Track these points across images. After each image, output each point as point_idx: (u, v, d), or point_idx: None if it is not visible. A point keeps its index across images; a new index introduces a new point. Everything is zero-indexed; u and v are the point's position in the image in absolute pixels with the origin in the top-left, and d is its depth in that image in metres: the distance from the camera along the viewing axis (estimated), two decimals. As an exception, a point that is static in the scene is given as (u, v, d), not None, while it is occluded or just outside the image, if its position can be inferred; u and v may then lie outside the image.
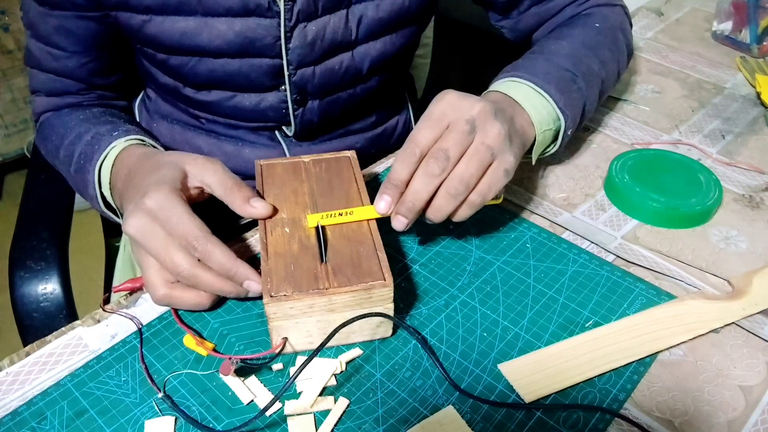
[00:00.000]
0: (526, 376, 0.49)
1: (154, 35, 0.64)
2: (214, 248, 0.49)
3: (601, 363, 0.50)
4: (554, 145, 0.64)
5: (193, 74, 0.67)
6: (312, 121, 0.73)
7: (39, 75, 0.71)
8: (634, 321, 0.53)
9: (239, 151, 0.75)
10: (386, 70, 0.75)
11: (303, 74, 0.68)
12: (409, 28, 0.73)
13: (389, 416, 0.46)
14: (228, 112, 0.72)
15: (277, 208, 0.54)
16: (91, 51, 0.69)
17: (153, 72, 0.71)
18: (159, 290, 0.50)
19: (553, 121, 0.62)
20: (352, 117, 0.79)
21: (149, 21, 0.63)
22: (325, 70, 0.69)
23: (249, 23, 0.63)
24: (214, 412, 0.46)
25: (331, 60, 0.69)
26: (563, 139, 0.63)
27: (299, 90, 0.69)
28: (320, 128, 0.76)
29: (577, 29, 0.73)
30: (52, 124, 0.71)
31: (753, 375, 0.50)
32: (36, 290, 0.71)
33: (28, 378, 0.49)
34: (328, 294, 0.47)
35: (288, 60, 0.66)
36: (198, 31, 0.63)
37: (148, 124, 0.79)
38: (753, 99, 0.85)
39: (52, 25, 0.66)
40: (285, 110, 0.71)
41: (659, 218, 0.64)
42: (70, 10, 0.64)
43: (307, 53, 0.66)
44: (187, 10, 0.62)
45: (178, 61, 0.66)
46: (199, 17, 0.63)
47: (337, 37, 0.67)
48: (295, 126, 0.73)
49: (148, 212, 0.50)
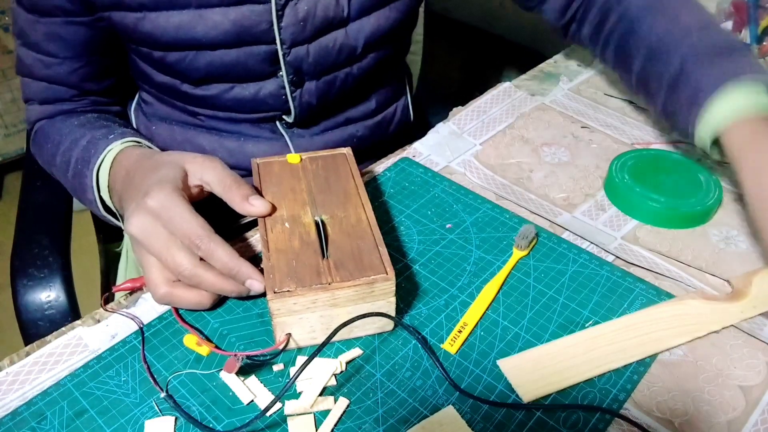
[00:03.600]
0: (525, 375, 0.49)
1: (149, 32, 0.64)
2: (216, 247, 0.49)
3: (600, 363, 0.50)
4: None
5: (191, 69, 0.67)
6: (311, 103, 0.73)
7: (31, 84, 0.71)
8: (633, 320, 0.53)
9: (241, 147, 0.75)
10: (382, 47, 0.74)
11: (297, 53, 0.68)
12: (403, 1, 0.72)
13: (389, 416, 0.46)
14: (228, 104, 0.72)
15: (275, 206, 0.55)
16: (82, 56, 0.68)
17: (149, 72, 0.71)
18: (160, 289, 0.50)
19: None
20: (351, 100, 0.78)
21: (143, 18, 0.63)
22: (319, 48, 0.69)
23: (243, 11, 0.63)
24: (214, 412, 0.46)
25: (325, 38, 0.68)
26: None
27: (295, 70, 0.69)
28: (319, 112, 0.75)
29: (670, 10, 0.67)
30: (46, 132, 0.71)
31: (753, 375, 0.50)
32: (40, 298, 0.70)
33: (28, 378, 0.49)
34: (331, 289, 0.47)
35: (281, 39, 0.66)
36: (193, 24, 0.63)
37: (147, 128, 0.78)
38: (753, 99, 0.85)
39: (42, 32, 0.65)
40: (284, 96, 0.71)
41: (659, 218, 0.64)
42: (59, 16, 0.64)
43: (300, 31, 0.66)
44: (180, 4, 0.62)
45: (176, 57, 0.66)
46: (193, 10, 0.62)
47: (329, 14, 0.67)
48: (295, 109, 0.72)
49: (150, 212, 0.50)
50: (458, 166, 0.71)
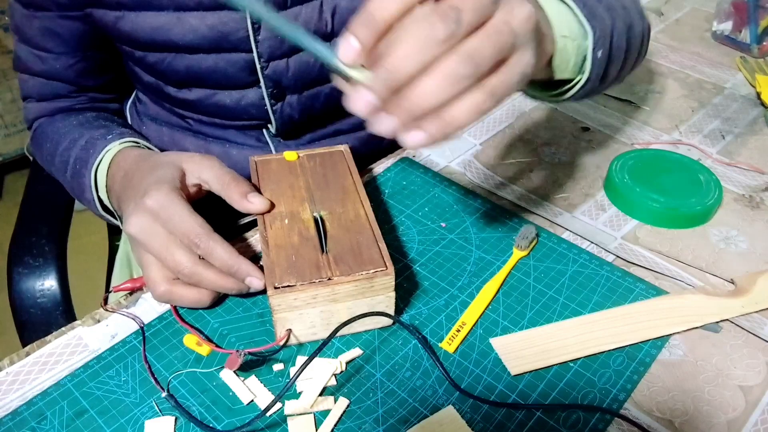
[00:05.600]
0: (515, 351, 0.50)
1: (128, 32, 0.63)
2: (216, 245, 0.49)
3: (590, 345, 0.50)
4: (583, 71, 0.53)
5: (171, 71, 0.66)
6: (293, 117, 0.71)
7: (29, 80, 0.71)
8: (629, 309, 0.54)
9: (227, 153, 0.74)
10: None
11: (276, 67, 0.66)
12: None
13: (389, 416, 0.46)
14: (210, 110, 0.71)
15: (274, 203, 0.55)
16: (77, 51, 0.68)
17: (136, 71, 0.71)
18: (160, 286, 0.50)
19: (572, 32, 0.50)
20: (338, 114, 0.76)
21: (122, 17, 0.62)
22: (300, 62, 0.67)
23: (221, 17, 0.62)
24: (214, 412, 0.46)
25: (306, 52, 0.67)
26: (593, 62, 0.52)
27: (274, 84, 0.68)
28: (303, 125, 0.74)
29: None
30: (45, 131, 0.71)
31: (753, 375, 0.50)
32: (34, 286, 0.72)
33: (28, 378, 0.49)
34: (331, 284, 0.47)
35: (258, 52, 0.65)
36: (170, 26, 0.62)
37: (138, 127, 0.78)
38: (753, 99, 0.85)
39: (37, 27, 0.66)
40: (266, 107, 0.70)
41: (659, 218, 0.64)
42: (53, 10, 0.64)
43: (277, 45, 0.65)
44: (158, 5, 0.61)
45: (155, 58, 0.65)
46: (171, 12, 0.62)
47: (310, 29, 0.65)
48: (276, 122, 0.71)
49: (149, 211, 0.50)
50: (458, 166, 0.71)
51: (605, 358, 0.50)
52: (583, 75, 0.53)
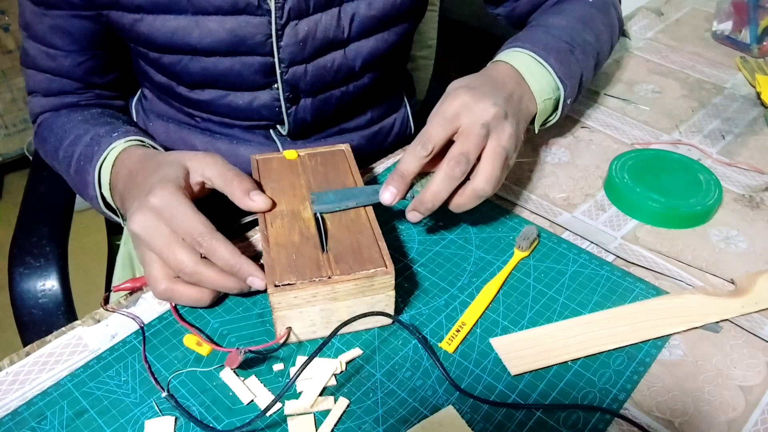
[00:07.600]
0: (515, 351, 0.50)
1: (146, 34, 0.64)
2: (218, 244, 0.49)
3: (590, 345, 0.50)
4: (555, 114, 0.67)
5: (185, 73, 0.67)
6: (305, 119, 0.73)
7: (36, 75, 0.71)
8: (629, 309, 0.54)
9: (234, 150, 0.76)
10: (379, 68, 0.75)
11: (295, 72, 0.68)
12: (402, 26, 0.72)
13: (389, 416, 0.46)
14: (222, 110, 0.72)
15: (275, 202, 0.55)
16: (86, 50, 0.69)
17: (147, 70, 0.71)
18: (161, 284, 0.50)
19: (552, 91, 0.64)
20: (346, 115, 0.79)
21: (140, 20, 0.63)
22: (317, 67, 0.69)
23: (239, 21, 0.63)
24: (214, 412, 0.46)
25: (323, 58, 0.69)
26: (563, 108, 0.66)
27: (291, 88, 0.69)
28: (314, 126, 0.76)
29: (573, 5, 0.75)
30: (50, 125, 0.71)
31: (753, 375, 0.50)
32: (35, 287, 0.72)
33: (28, 378, 0.49)
34: (332, 282, 0.47)
35: (280, 58, 0.66)
36: (189, 29, 0.63)
37: (144, 123, 0.79)
38: (753, 99, 0.85)
39: (48, 25, 0.66)
40: (278, 109, 0.71)
41: (659, 218, 0.64)
42: (64, 9, 0.64)
43: (299, 51, 0.66)
44: (177, 9, 0.62)
45: (171, 60, 0.66)
46: (189, 16, 0.63)
47: (329, 35, 0.67)
48: (289, 125, 0.73)
49: (152, 210, 0.50)
50: (458, 166, 0.71)
51: (605, 358, 0.50)
52: (555, 115, 0.67)
